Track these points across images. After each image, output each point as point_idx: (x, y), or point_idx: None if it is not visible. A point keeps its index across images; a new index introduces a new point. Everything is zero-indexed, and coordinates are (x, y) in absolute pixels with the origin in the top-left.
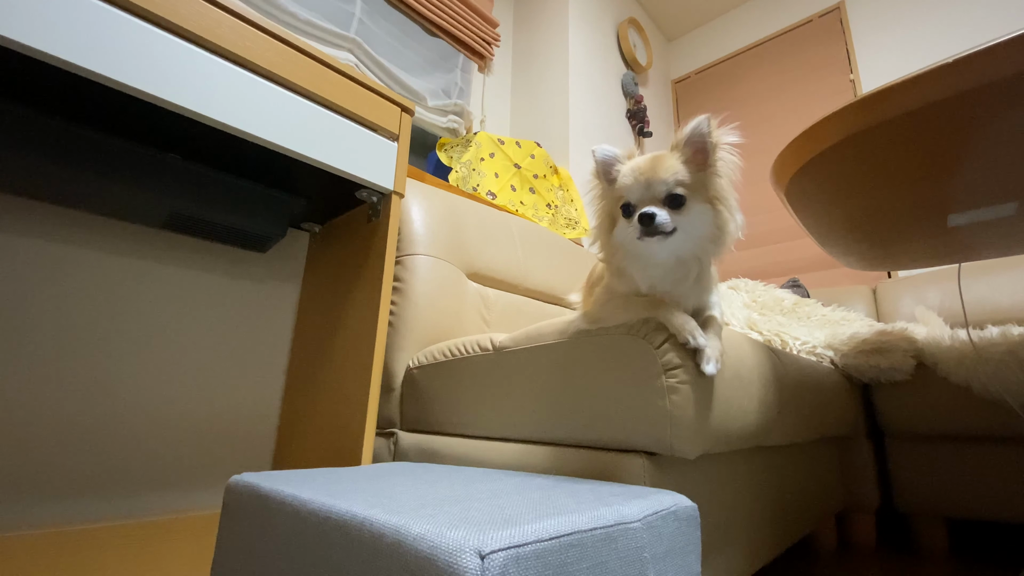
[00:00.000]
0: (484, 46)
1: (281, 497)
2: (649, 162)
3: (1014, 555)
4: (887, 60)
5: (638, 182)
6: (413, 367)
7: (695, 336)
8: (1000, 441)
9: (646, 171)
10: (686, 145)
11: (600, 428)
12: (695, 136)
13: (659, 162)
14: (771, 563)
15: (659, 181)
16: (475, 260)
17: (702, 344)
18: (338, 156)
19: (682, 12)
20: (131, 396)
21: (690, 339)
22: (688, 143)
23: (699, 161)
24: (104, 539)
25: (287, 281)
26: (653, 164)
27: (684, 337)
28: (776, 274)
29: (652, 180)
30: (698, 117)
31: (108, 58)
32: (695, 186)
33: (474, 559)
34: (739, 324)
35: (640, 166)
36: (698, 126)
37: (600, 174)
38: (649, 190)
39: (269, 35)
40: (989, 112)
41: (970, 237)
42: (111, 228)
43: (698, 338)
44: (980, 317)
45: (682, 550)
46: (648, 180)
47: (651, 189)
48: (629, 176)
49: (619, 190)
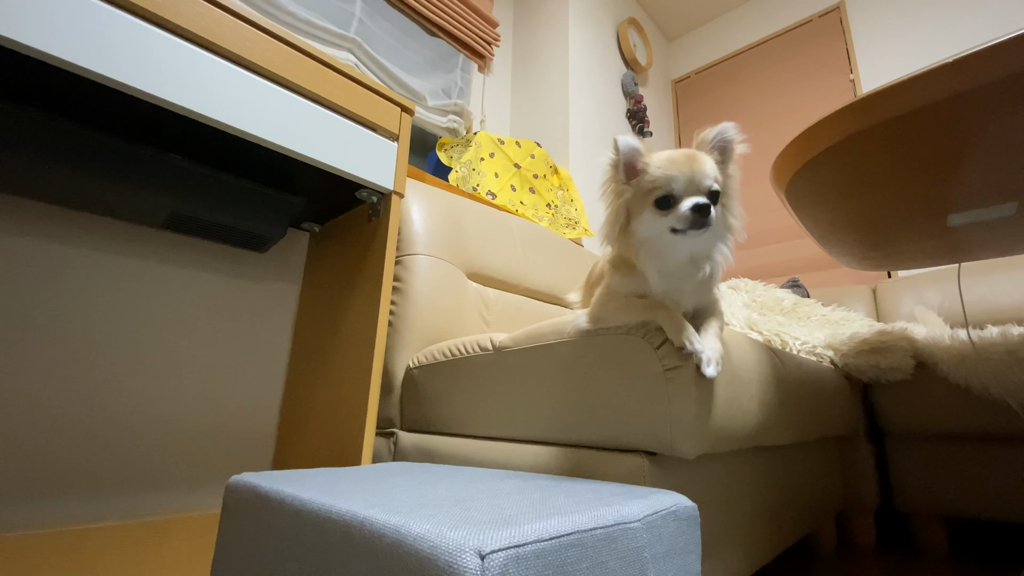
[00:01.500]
0: (484, 46)
1: (281, 497)
2: (687, 156)
3: (1014, 555)
4: (887, 60)
5: (683, 174)
6: (413, 367)
7: (691, 341)
8: (1000, 441)
9: (689, 163)
10: (712, 147)
11: (600, 428)
12: (721, 140)
13: (698, 157)
14: (771, 563)
15: (704, 174)
16: (475, 260)
17: (698, 350)
18: (338, 156)
19: (682, 12)
20: (131, 396)
21: (686, 344)
22: (714, 146)
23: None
24: (104, 539)
25: (287, 281)
26: (692, 158)
27: (680, 342)
28: (776, 274)
29: (697, 172)
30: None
31: (108, 58)
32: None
33: (474, 559)
34: (739, 324)
35: (679, 159)
36: (726, 131)
37: (620, 166)
38: (694, 183)
39: (269, 35)
40: (989, 112)
41: (970, 237)
42: (111, 228)
43: (694, 343)
44: (980, 317)
45: (682, 550)
46: (693, 172)
47: (695, 182)
48: (671, 168)
49: (654, 182)
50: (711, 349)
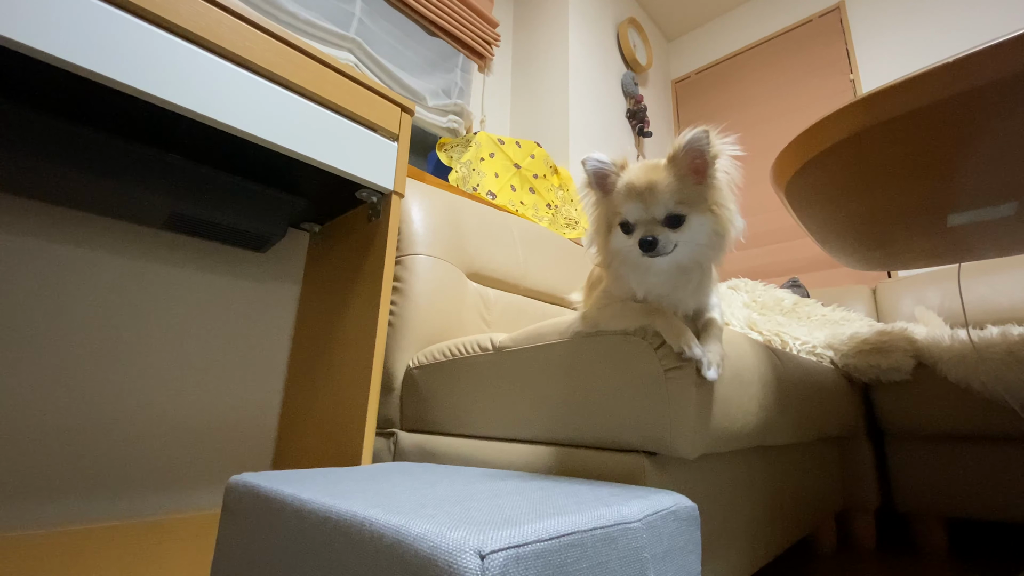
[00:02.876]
0: (484, 46)
1: (281, 497)
2: (645, 179)
3: (1014, 555)
4: (887, 60)
5: (636, 203)
6: (413, 367)
7: (690, 346)
8: (1000, 441)
9: (643, 190)
10: (683, 156)
11: (600, 428)
12: (692, 148)
13: (656, 180)
14: (771, 563)
15: (657, 203)
16: (475, 260)
17: (698, 355)
18: (338, 156)
19: (682, 12)
20: (131, 396)
21: (685, 349)
22: (686, 155)
23: (698, 170)
24: (104, 539)
25: (287, 281)
26: (650, 182)
27: (679, 347)
28: (776, 274)
29: (650, 201)
30: (696, 129)
31: (108, 58)
32: (694, 198)
33: (474, 559)
34: (739, 324)
35: (636, 184)
36: (695, 139)
37: (592, 184)
38: (648, 211)
39: (269, 35)
40: (989, 112)
41: (970, 237)
42: (111, 228)
43: (693, 348)
44: (980, 317)
45: (682, 550)
46: (646, 201)
47: (650, 210)
48: (628, 197)
49: (616, 207)
50: (712, 352)
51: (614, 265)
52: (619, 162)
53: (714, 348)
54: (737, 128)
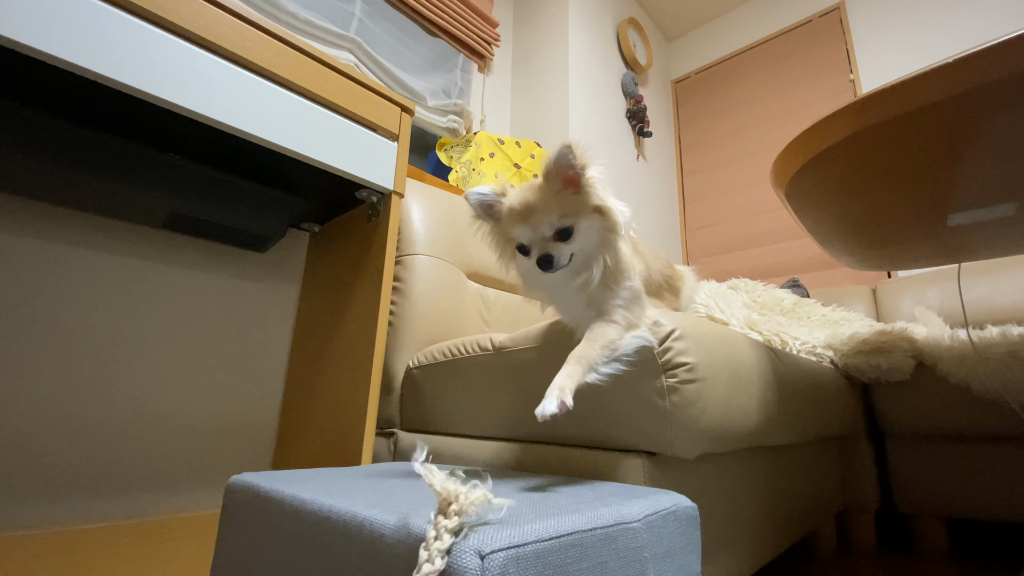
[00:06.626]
0: (484, 46)
1: (281, 497)
2: (526, 202)
3: (1014, 555)
4: (887, 60)
5: (523, 225)
6: (413, 367)
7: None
8: (1000, 441)
9: (526, 213)
10: (555, 173)
11: (600, 428)
12: (561, 164)
13: (535, 200)
14: (771, 563)
15: (542, 222)
16: (475, 260)
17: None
18: (338, 156)
19: (682, 12)
20: (131, 396)
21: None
22: (557, 172)
23: (572, 181)
24: (104, 539)
25: (287, 281)
26: (530, 204)
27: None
28: (776, 274)
29: (535, 222)
30: (560, 146)
31: (108, 58)
32: (577, 207)
33: (474, 559)
34: (739, 324)
35: (518, 208)
36: (561, 156)
37: (481, 215)
38: (537, 231)
39: (269, 35)
40: (989, 112)
41: (970, 237)
42: (111, 228)
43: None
44: (980, 317)
45: (682, 550)
46: (531, 222)
47: (538, 230)
48: (515, 222)
49: (507, 231)
50: (555, 381)
51: (528, 286)
52: (499, 190)
53: (567, 372)
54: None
